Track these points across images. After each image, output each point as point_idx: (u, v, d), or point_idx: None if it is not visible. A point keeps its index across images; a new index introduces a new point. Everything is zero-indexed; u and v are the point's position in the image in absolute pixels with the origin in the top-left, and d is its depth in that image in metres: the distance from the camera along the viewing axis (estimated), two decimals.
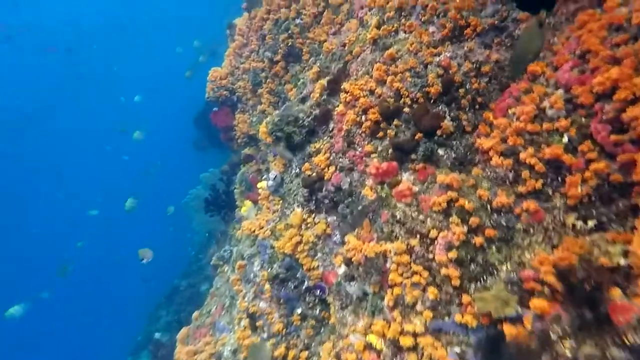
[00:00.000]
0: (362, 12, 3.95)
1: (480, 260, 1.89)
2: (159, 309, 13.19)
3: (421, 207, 2.26)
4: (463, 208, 2.07)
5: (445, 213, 2.14)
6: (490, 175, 2.13)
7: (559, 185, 1.78)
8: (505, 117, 2.20)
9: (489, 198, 2.02)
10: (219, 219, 9.08)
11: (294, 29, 5.05)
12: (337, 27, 4.30)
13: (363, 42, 3.54)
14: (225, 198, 8.55)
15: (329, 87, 3.70)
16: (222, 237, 9.51)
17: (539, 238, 1.75)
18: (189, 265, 15.30)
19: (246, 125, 5.88)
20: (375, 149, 3.09)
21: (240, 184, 6.83)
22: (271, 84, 5.42)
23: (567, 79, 1.85)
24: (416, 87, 2.92)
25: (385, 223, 2.36)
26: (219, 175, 13.02)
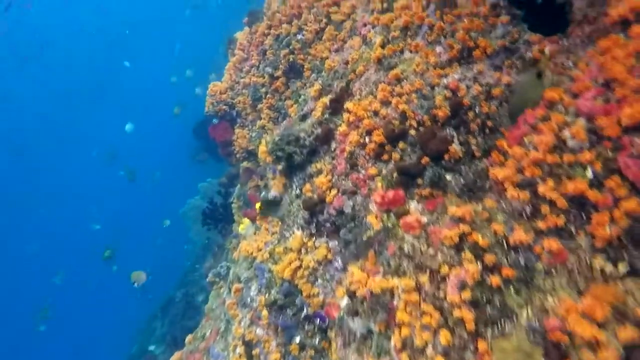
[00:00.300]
0: (365, 29, 3.88)
1: (498, 302, 1.73)
2: (153, 321, 12.87)
3: (431, 240, 2.11)
4: (477, 243, 1.92)
5: (457, 248, 1.99)
6: (505, 208, 1.98)
7: (583, 223, 1.64)
8: (520, 146, 2.07)
9: (505, 233, 1.87)
10: (216, 232, 8.89)
11: (295, 44, 4.98)
12: (339, 44, 4.22)
13: (367, 61, 3.44)
14: (223, 211, 8.41)
15: (331, 106, 3.59)
16: (219, 250, 9.30)
17: (562, 281, 1.60)
18: (185, 275, 15.06)
19: (245, 140, 5.76)
20: (379, 172, 2.95)
21: (238, 199, 6.67)
22: (271, 100, 5.32)
23: (589, 108, 1.73)
24: (423, 109, 2.81)
25: (392, 256, 2.20)
26: (217, 185, 12.88)
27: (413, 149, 2.83)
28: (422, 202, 2.48)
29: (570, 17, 2.49)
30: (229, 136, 6.08)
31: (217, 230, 8.71)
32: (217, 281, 5.85)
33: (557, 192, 1.71)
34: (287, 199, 3.67)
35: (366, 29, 3.86)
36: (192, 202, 14.84)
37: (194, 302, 11.89)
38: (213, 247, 9.55)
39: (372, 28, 3.79)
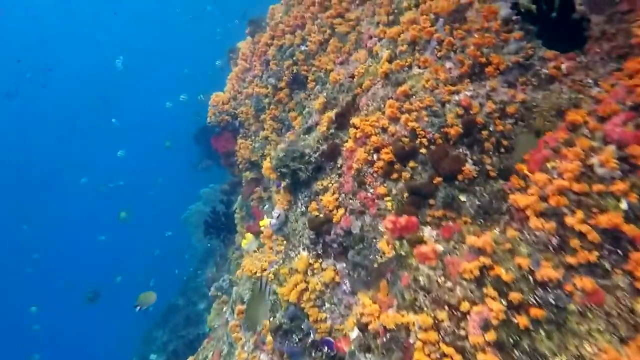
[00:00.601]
0: (371, 42, 3.78)
1: (526, 346, 1.61)
2: (155, 329, 12.70)
3: (448, 272, 1.99)
4: (500, 278, 1.80)
5: (478, 282, 1.87)
6: (529, 239, 1.86)
7: (619, 260, 1.52)
8: (542, 172, 1.96)
9: (530, 268, 1.75)
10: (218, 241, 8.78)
11: (299, 55, 4.89)
12: (344, 57, 4.13)
13: (373, 75, 3.34)
14: (225, 220, 8.30)
15: (337, 120, 3.48)
16: (222, 260, 9.18)
17: (600, 325, 1.48)
18: (186, 282, 14.92)
19: (248, 151, 5.66)
20: (388, 191, 2.84)
21: (241, 209, 6.56)
22: (275, 110, 5.22)
23: (619, 134, 1.62)
24: (434, 127, 2.70)
25: (406, 288, 2.08)
26: (219, 191, 12.81)
27: (424, 168, 2.72)
28: (436, 229, 2.36)
29: (588, 33, 2.39)
30: (231, 147, 5.98)
31: (220, 239, 8.61)
32: (220, 295, 5.71)
33: (588, 225, 1.59)
34: (292, 217, 3.54)
35: (372, 42, 3.77)
36: (194, 207, 14.74)
37: (196, 309, 11.77)
38: (215, 256, 9.41)
39: (378, 41, 3.70)
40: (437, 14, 2.99)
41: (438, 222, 2.57)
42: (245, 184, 5.89)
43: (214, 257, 9.73)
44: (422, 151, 2.72)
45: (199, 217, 14.27)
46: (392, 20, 3.66)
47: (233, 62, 6.71)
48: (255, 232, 4.79)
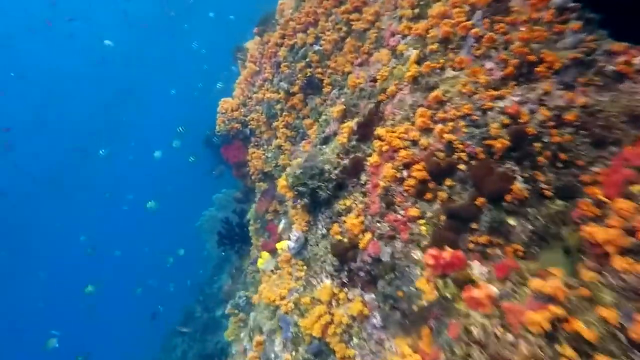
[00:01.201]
0: (394, 40, 3.41)
1: None
2: (173, 337, 12.74)
3: (508, 322, 1.64)
4: (579, 335, 1.44)
5: (548, 337, 1.52)
6: (613, 283, 1.50)
7: None
8: (625, 197, 1.58)
9: (619, 323, 1.40)
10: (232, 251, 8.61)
11: (313, 56, 4.55)
12: (363, 57, 3.77)
13: (399, 79, 2.98)
14: (239, 231, 8.12)
15: (359, 131, 3.14)
16: (237, 272, 9.02)
17: None
18: (202, 289, 14.91)
19: (260, 161, 5.38)
20: (422, 213, 2.49)
21: (255, 221, 6.31)
22: (288, 117, 4.91)
23: None
24: (474, 139, 2.33)
25: (455, 340, 1.75)
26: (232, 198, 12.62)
27: (464, 186, 2.36)
28: (487, 264, 2.00)
29: None
30: (242, 156, 5.72)
31: (234, 250, 8.42)
32: (237, 313, 5.51)
33: None
34: (312, 240, 3.24)
35: (395, 40, 3.40)
36: (208, 213, 14.62)
37: (214, 316, 11.74)
38: (231, 267, 9.25)
39: (402, 39, 3.32)
40: (473, 6, 2.60)
41: (483, 250, 2.23)
42: (259, 198, 5.62)
43: (229, 267, 9.59)
44: (461, 167, 2.35)
45: (212, 223, 14.19)
46: (417, 14, 3.27)
47: (241, 64, 6.42)
48: (272, 250, 4.52)
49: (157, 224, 21.48)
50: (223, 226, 8.46)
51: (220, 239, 8.41)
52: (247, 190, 6.80)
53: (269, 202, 5.09)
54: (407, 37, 3.26)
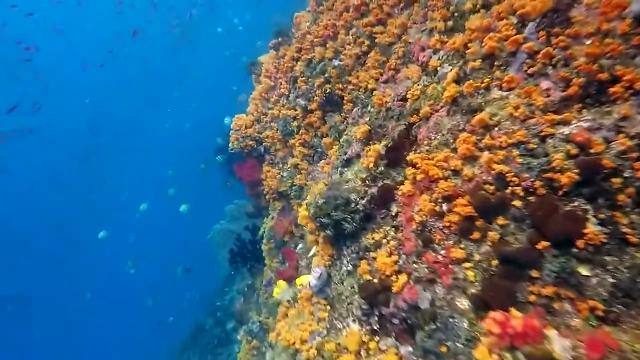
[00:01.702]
0: (424, 55, 3.11)
1: None
2: (184, 350, 12.53)
3: None
4: None
5: None
6: None
7: None
8: None
9: None
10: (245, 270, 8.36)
11: (332, 71, 4.28)
12: (389, 74, 3.47)
13: (434, 99, 2.66)
14: (252, 248, 7.86)
15: (388, 155, 2.83)
16: (249, 291, 8.75)
17: None
18: (214, 300, 14.72)
19: (275, 181, 5.11)
20: (468, 255, 2.14)
21: (268, 240, 6.03)
22: (305, 135, 4.64)
23: None
24: (532, 171, 1.98)
25: None
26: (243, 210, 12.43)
27: (519, 226, 2.01)
28: (572, 338, 1.64)
29: None
30: (257, 175, 5.47)
31: (247, 268, 8.16)
32: (250, 339, 5.19)
33: None
34: (336, 276, 2.92)
35: (425, 55, 3.10)
36: (219, 227, 14.43)
37: (225, 329, 11.56)
38: (243, 289, 8.98)
39: (434, 54, 3.02)
40: (523, 17, 2.28)
41: (547, 303, 1.86)
42: (274, 218, 5.33)
43: (242, 284, 9.34)
44: (516, 204, 2.00)
45: (223, 235, 14.02)
46: (451, 26, 2.97)
47: (255, 79, 6.23)
48: (288, 277, 4.21)
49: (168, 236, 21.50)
50: (235, 243, 8.23)
51: (232, 256, 8.19)
52: (260, 206, 6.54)
53: (285, 225, 4.80)
54: (440, 52, 2.96)
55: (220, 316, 12.57)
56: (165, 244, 21.88)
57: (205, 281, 16.21)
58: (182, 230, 20.35)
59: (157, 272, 19.87)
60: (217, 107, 13.14)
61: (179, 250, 20.25)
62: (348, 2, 4.52)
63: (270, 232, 5.89)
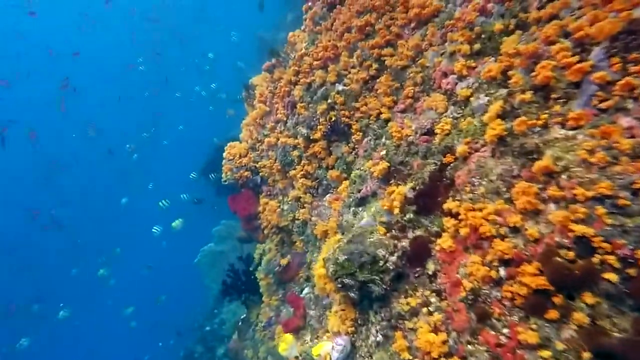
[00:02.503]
0: (448, 82, 2.72)
1: None
2: None
3: None
4: None
5: None
6: None
7: None
8: None
9: None
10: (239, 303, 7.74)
11: (336, 97, 3.87)
12: (407, 102, 3.07)
13: (472, 135, 2.25)
14: (246, 279, 7.31)
15: (418, 201, 2.38)
16: (244, 325, 8.10)
17: None
18: (203, 323, 14.06)
19: (275, 215, 4.59)
20: (544, 340, 1.68)
21: (266, 275, 5.45)
22: (308, 166, 4.17)
23: None
24: (628, 235, 1.56)
25: None
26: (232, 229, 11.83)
27: (617, 307, 1.56)
28: None
29: None
30: (253, 208, 4.94)
31: (241, 301, 7.57)
32: None
33: None
34: (362, 348, 2.40)
35: (449, 82, 2.71)
36: (206, 249, 13.82)
37: (214, 356, 11.07)
38: (236, 323, 8.30)
39: (460, 80, 2.64)
40: (582, 40, 1.91)
41: None
42: (276, 262, 4.79)
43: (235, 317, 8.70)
44: (610, 278, 1.57)
45: (211, 257, 13.40)
46: (478, 49, 2.61)
47: (248, 103, 5.77)
48: (295, 329, 3.65)
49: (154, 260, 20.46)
50: (228, 274, 7.67)
51: (225, 289, 7.59)
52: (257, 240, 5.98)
53: (293, 269, 4.26)
54: (469, 80, 2.58)
55: (210, 341, 12.10)
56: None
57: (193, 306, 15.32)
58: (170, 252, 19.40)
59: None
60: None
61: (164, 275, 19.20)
62: (349, 22, 4.16)
63: (269, 266, 5.34)
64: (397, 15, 3.64)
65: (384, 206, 2.65)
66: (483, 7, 2.76)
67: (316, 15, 4.84)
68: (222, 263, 12.30)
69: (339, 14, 4.48)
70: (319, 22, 4.80)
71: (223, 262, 12.03)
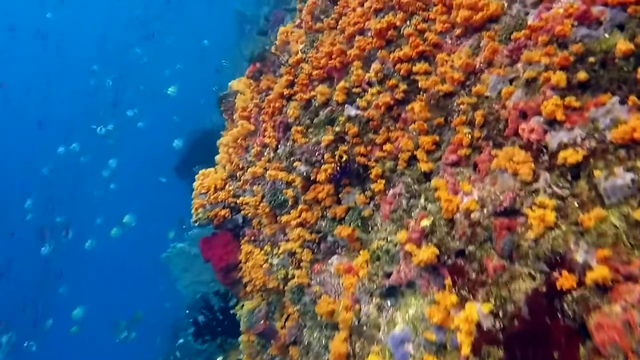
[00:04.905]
0: (533, 129, 1.77)
1: None
2: None
3: None
4: None
5: None
6: None
7: None
8: None
9: None
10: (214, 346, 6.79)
11: (348, 126, 2.85)
12: (461, 153, 2.09)
13: (614, 242, 1.31)
14: (222, 318, 6.33)
15: (511, 346, 1.43)
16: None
17: None
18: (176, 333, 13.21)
19: (261, 271, 3.56)
20: None
21: (248, 330, 4.45)
22: (306, 214, 3.16)
23: None
24: None
25: None
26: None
27: None
28: None
29: None
30: (232, 257, 3.88)
31: (217, 344, 6.63)
32: None
33: None
34: None
35: (536, 131, 1.75)
36: (180, 247, 12.88)
37: None
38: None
39: (555, 130, 1.69)
40: None
41: None
42: (261, 313, 3.79)
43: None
44: None
45: (184, 260, 12.31)
46: (584, 81, 1.66)
47: (226, 115, 4.64)
48: None
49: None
50: (202, 311, 6.64)
51: (197, 330, 6.57)
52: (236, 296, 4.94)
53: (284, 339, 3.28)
54: (574, 131, 1.63)
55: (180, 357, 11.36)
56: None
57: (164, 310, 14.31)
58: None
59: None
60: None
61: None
62: (363, 22, 3.12)
63: (252, 317, 4.33)
64: (433, 16, 2.63)
65: (434, 319, 1.71)
66: (584, 13, 1.81)
67: (316, 8, 3.76)
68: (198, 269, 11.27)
69: (347, 9, 3.42)
70: (320, 17, 3.72)
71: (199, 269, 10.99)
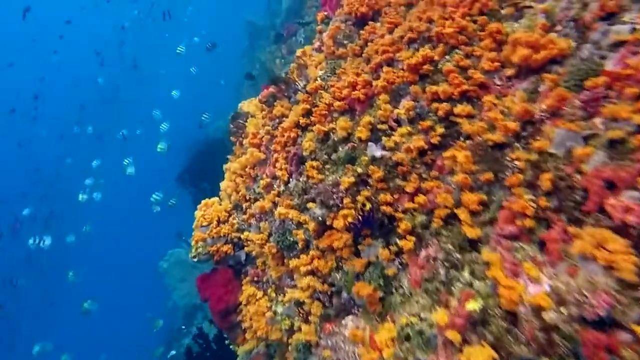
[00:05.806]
0: (625, 207, 1.40)
1: None
2: None
3: None
4: None
5: None
6: None
7: None
8: None
9: None
10: None
11: (372, 169, 2.50)
12: (522, 225, 1.71)
13: None
14: (217, 348, 6.08)
15: None
16: None
17: None
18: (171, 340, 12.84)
19: (264, 319, 3.16)
20: None
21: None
22: (319, 262, 2.77)
23: None
24: None
25: None
26: None
27: None
28: None
29: None
30: (232, 298, 3.48)
31: None
32: None
33: None
34: None
35: (628, 210, 1.38)
36: (177, 253, 12.54)
37: None
38: None
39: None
40: None
41: None
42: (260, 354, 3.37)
43: None
44: None
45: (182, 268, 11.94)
46: None
47: (235, 139, 4.32)
48: None
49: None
50: (196, 340, 6.33)
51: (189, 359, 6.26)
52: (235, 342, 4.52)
53: None
54: None
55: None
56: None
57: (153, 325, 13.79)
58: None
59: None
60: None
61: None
62: (390, 50, 2.81)
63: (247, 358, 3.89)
64: (479, 51, 2.31)
65: None
66: None
67: (339, 33, 3.46)
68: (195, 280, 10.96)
69: (374, 35, 3.12)
70: (343, 42, 3.43)
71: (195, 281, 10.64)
